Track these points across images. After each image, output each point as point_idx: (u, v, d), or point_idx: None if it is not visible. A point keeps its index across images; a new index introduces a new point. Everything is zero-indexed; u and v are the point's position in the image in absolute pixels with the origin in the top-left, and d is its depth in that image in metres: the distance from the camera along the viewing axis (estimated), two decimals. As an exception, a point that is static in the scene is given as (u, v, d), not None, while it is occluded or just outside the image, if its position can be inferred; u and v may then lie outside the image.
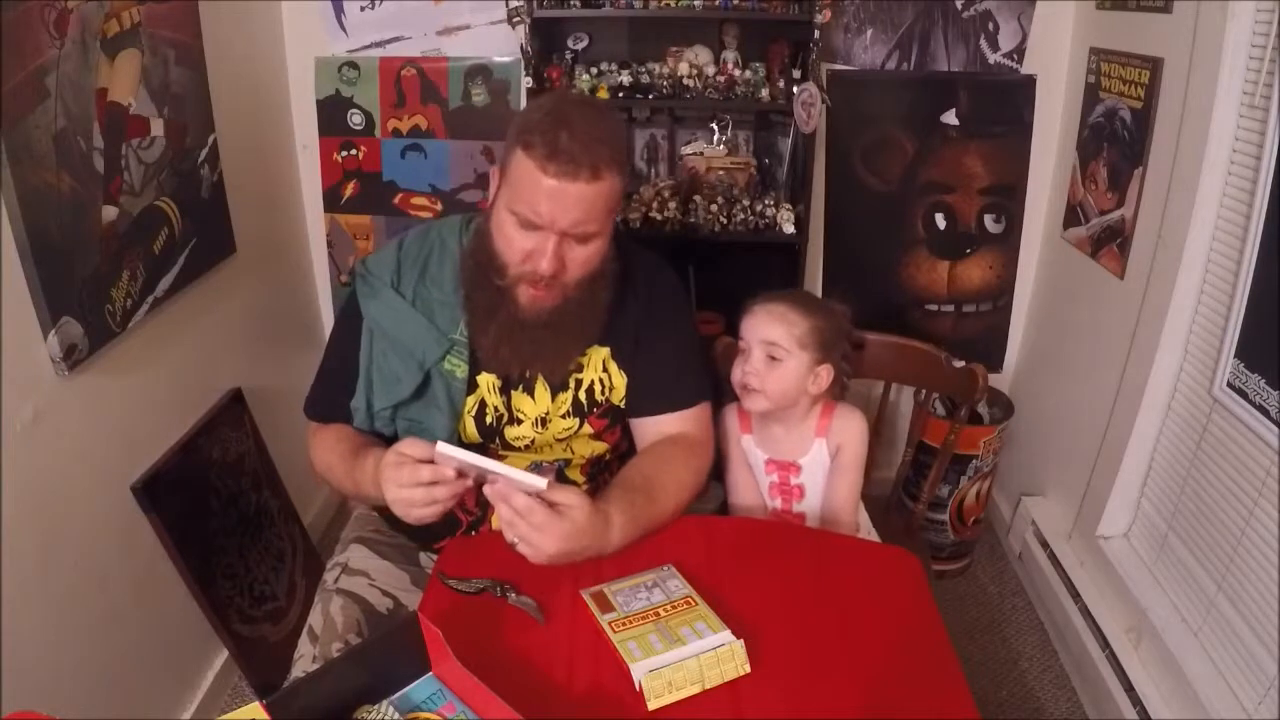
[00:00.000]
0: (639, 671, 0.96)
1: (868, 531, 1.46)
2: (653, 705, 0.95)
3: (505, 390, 1.29)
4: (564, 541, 1.05)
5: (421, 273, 1.29)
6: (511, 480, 1.04)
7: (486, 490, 1.09)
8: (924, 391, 1.80)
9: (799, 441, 1.43)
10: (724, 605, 1.06)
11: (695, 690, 0.97)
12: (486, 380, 1.28)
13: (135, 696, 1.58)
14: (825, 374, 1.40)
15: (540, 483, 1.04)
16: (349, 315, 1.32)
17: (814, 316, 1.39)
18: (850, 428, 1.41)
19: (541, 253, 1.13)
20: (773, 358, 1.37)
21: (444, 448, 1.04)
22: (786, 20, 1.86)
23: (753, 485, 1.48)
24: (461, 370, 1.26)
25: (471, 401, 1.28)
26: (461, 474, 1.08)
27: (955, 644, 1.05)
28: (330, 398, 1.33)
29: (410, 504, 1.08)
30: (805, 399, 1.41)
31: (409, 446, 1.09)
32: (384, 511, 1.44)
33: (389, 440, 1.22)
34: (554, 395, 1.30)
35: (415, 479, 1.07)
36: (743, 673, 0.99)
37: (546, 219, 1.11)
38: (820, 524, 1.44)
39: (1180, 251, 1.60)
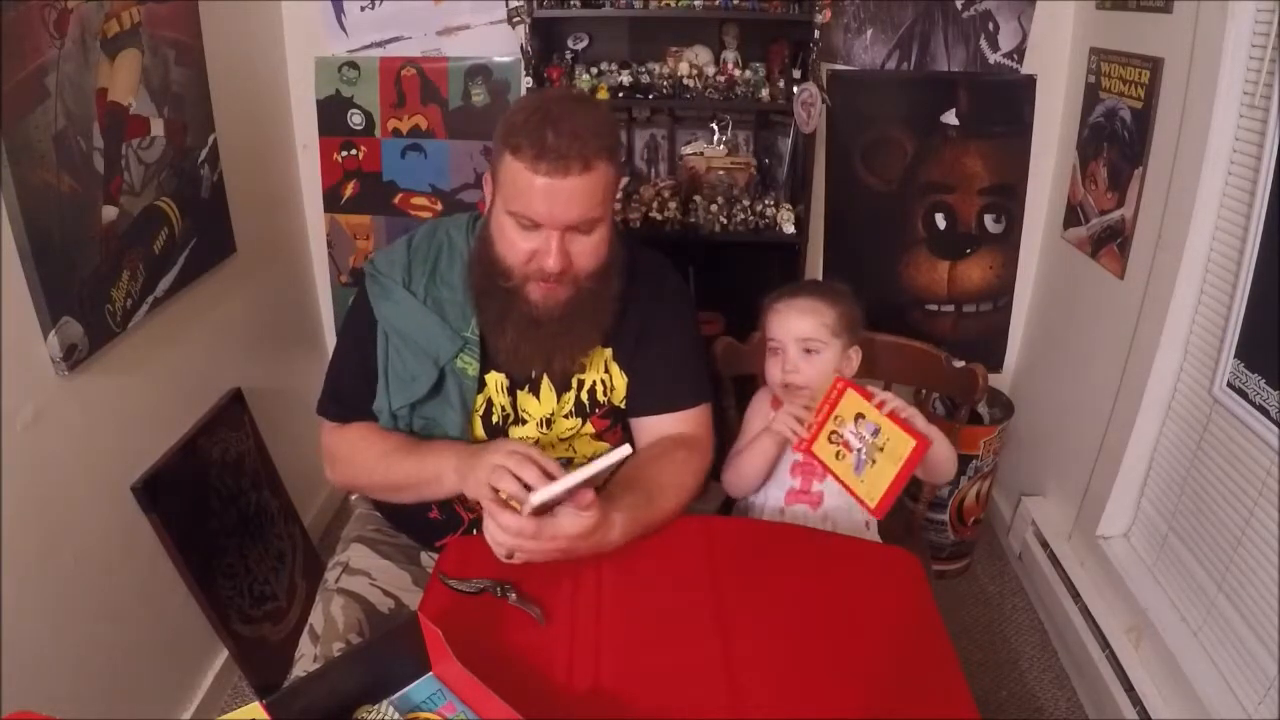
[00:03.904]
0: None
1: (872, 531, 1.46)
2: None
3: (512, 390, 1.29)
4: (559, 540, 1.05)
5: (432, 271, 1.29)
6: (599, 472, 1.03)
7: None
8: (924, 391, 1.80)
9: None
10: (724, 605, 1.06)
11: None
12: (494, 379, 1.28)
13: (135, 696, 1.58)
14: (855, 356, 1.45)
15: (623, 451, 1.04)
16: (359, 312, 1.31)
17: (839, 303, 1.44)
18: None
19: (546, 251, 1.14)
20: (808, 350, 1.40)
21: (536, 499, 1.01)
22: (786, 20, 1.86)
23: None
24: (473, 368, 1.26)
25: (480, 400, 1.28)
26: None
27: (955, 644, 1.05)
28: (346, 396, 1.32)
29: (500, 547, 1.06)
30: None
31: (522, 470, 1.05)
32: (385, 511, 1.44)
33: None
34: (558, 396, 1.30)
35: (520, 530, 1.03)
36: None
37: (545, 218, 1.12)
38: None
39: (1180, 251, 1.60)
